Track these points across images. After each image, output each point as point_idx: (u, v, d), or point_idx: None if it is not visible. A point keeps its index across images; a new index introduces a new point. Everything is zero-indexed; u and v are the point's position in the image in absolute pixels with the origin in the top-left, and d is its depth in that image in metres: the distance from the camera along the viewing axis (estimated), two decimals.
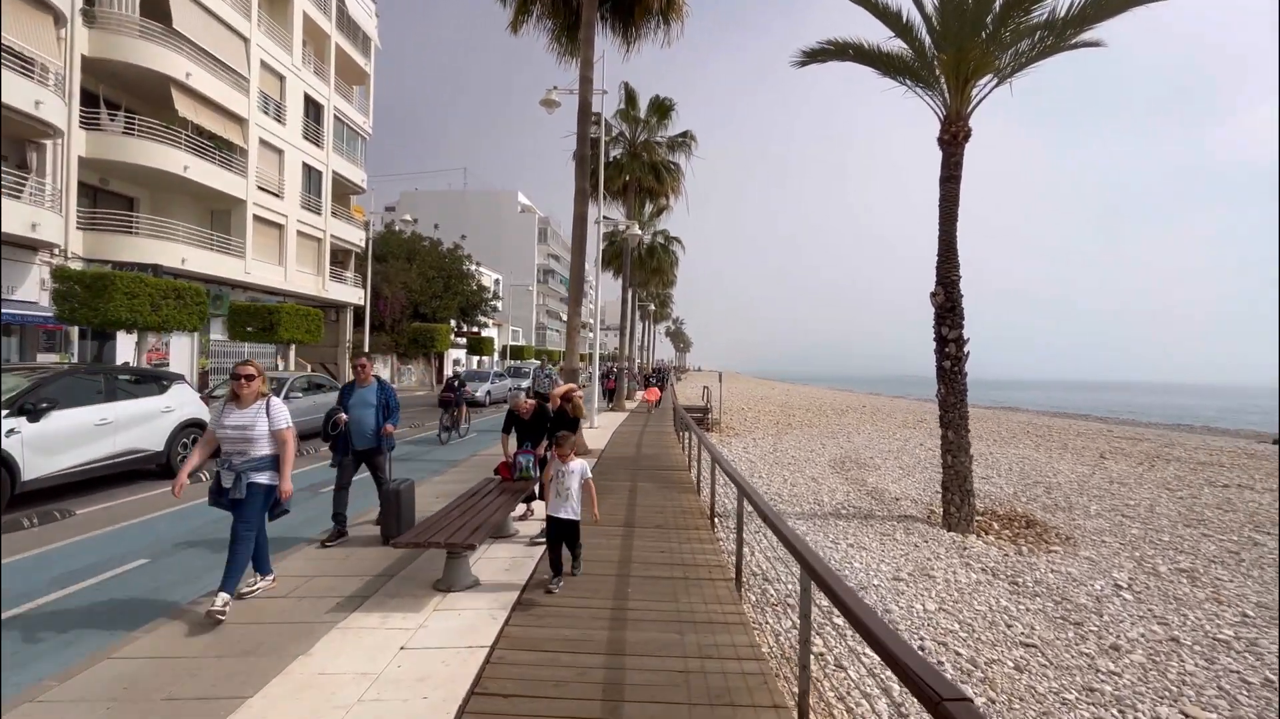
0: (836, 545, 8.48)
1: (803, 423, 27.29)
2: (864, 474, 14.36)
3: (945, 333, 10.25)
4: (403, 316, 36.67)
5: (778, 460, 15.97)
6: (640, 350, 51.83)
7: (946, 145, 10.43)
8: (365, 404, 5.89)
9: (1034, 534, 9.81)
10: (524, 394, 6.54)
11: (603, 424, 17.09)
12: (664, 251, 30.90)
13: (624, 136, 22.59)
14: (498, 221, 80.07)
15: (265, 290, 23.51)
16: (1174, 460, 18.24)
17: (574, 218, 11.09)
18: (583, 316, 75.76)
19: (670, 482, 9.03)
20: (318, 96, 26.42)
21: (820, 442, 20.48)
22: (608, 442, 13.30)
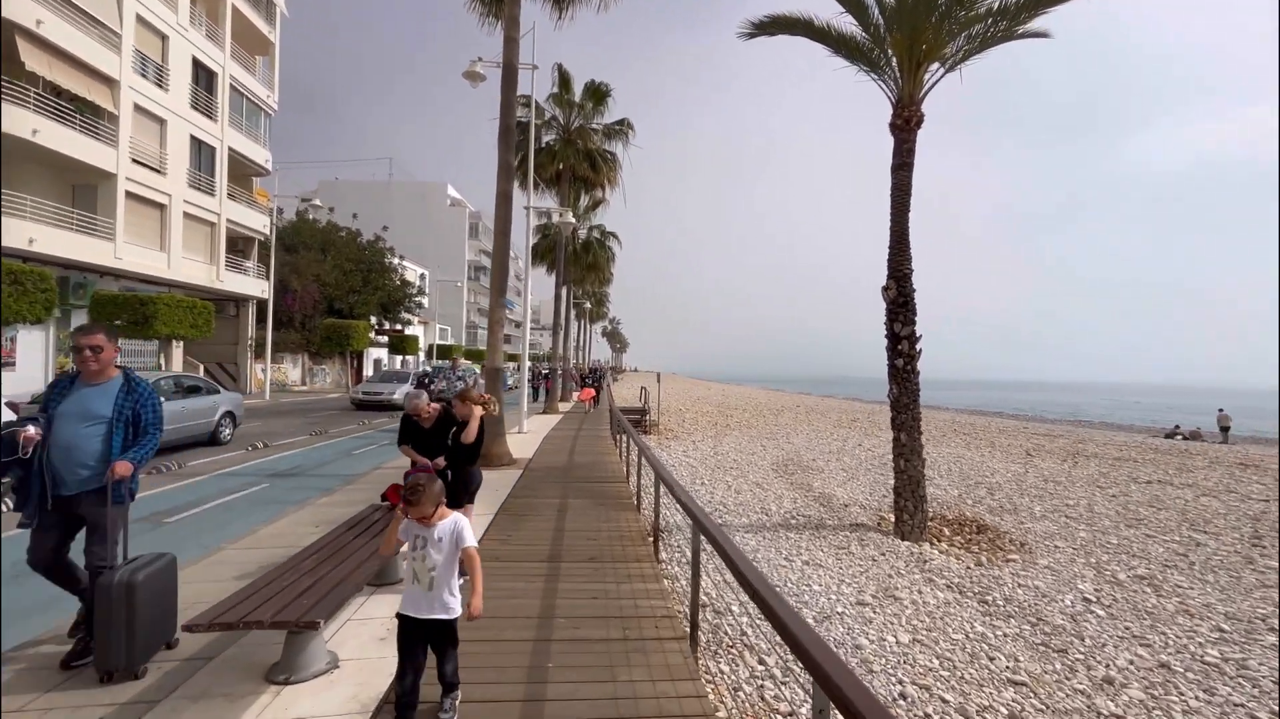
0: (791, 563, 7.63)
1: (741, 423, 26.85)
2: (809, 478, 13.76)
3: (898, 329, 9.67)
4: (315, 312, 33.64)
5: (720, 464, 15.17)
6: (577, 350, 50.37)
7: (899, 131, 9.87)
8: (85, 416, 3.19)
9: (987, 540, 9.36)
10: (425, 395, 5.22)
11: (534, 428, 15.73)
12: (600, 247, 29.73)
13: (557, 122, 21.26)
14: (425, 215, 76.36)
15: (143, 279, 20.52)
16: (1093, 457, 18.88)
17: (497, 195, 9.76)
18: (515, 313, 73.77)
19: (606, 496, 7.89)
20: (210, 63, 23.47)
21: (760, 443, 19.94)
22: (537, 449, 12.00)
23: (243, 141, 25.61)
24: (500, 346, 9.90)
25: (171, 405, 10.46)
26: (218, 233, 24.16)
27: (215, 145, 23.88)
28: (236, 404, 12.29)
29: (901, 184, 9.86)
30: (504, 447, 9.86)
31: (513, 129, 9.86)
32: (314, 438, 13.85)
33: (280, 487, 8.67)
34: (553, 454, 11.34)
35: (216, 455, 10.83)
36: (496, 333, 9.82)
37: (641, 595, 4.41)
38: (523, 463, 10.07)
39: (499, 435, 9.79)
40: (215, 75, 23.89)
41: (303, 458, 11.09)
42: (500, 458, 9.68)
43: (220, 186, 24.16)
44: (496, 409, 4.64)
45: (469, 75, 13.18)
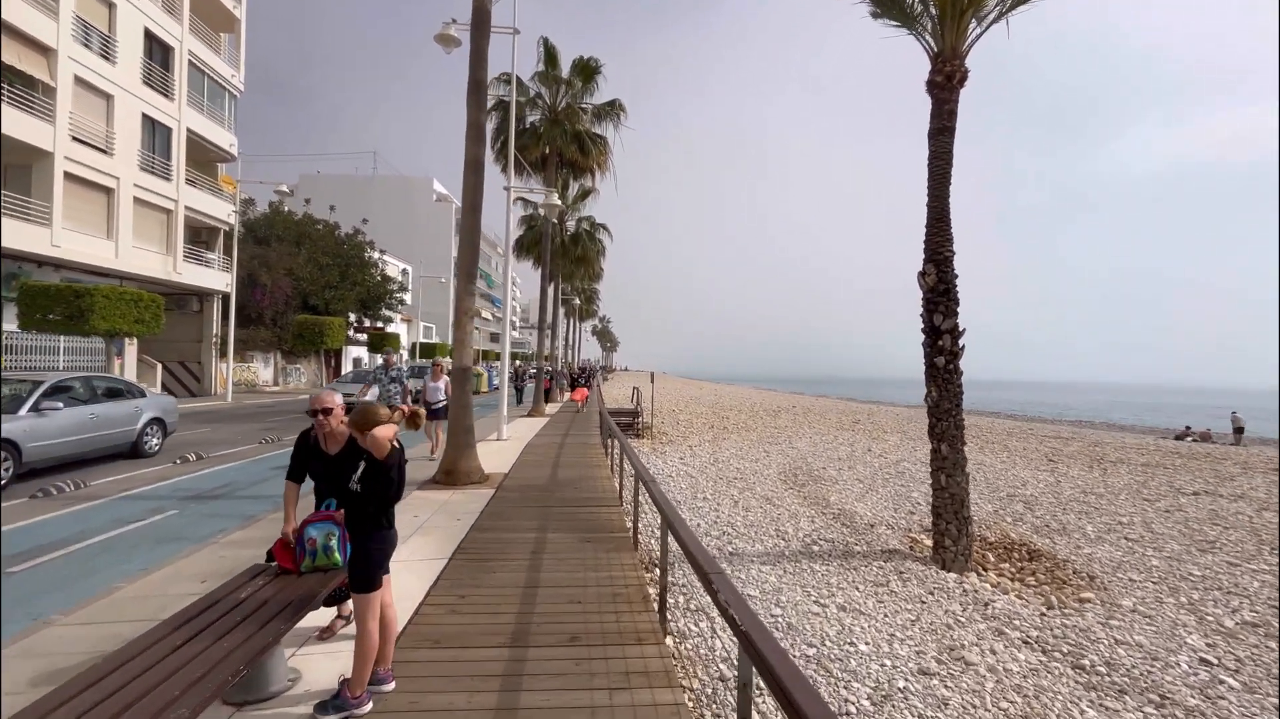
0: (825, 609, 6.13)
1: (739, 426, 25.40)
2: (822, 490, 12.29)
3: (938, 322, 8.21)
4: (288, 308, 31.77)
5: (721, 474, 13.67)
6: (567, 349, 48.71)
7: (939, 90, 8.41)
8: None
9: (1044, 570, 7.94)
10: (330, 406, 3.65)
11: (517, 433, 14.14)
12: (590, 239, 28.13)
13: (543, 100, 19.66)
14: (410, 210, 74.31)
15: (87, 269, 18.67)
16: (1119, 463, 17.60)
17: (465, 162, 8.18)
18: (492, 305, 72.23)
19: (595, 527, 6.34)
20: (165, 36, 21.60)
21: (763, 448, 18.47)
22: (516, 460, 10.43)
23: (204, 123, 23.75)
24: (469, 342, 8.33)
25: (76, 413, 8.78)
26: (175, 221, 22.29)
27: (171, 126, 22.02)
28: (167, 409, 10.60)
29: (941, 151, 8.40)
30: (473, 461, 8.29)
31: (484, 84, 8.29)
32: (263, 446, 12.18)
33: (192, 514, 7.05)
34: (533, 467, 9.77)
35: (133, 471, 9.16)
36: (465, 326, 8.25)
37: (648, 714, 2.87)
38: (496, 480, 8.51)
39: (467, 448, 8.23)
40: (171, 50, 22.02)
41: (237, 473, 9.44)
42: (468, 475, 8.12)
43: (177, 170, 22.29)
44: (421, 421, 3.00)
45: (441, 39, 11.56)
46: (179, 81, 22.26)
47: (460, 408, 8.28)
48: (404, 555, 5.17)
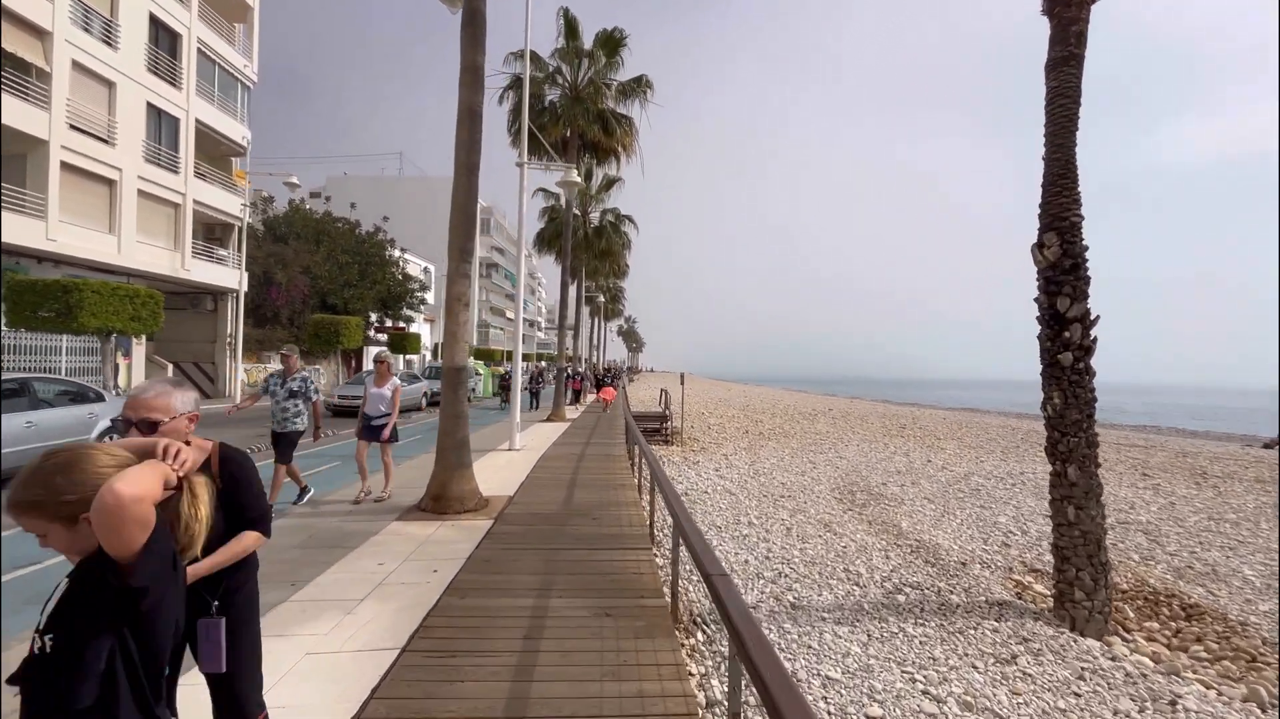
0: (942, 706, 4.32)
1: (776, 431, 23.46)
2: (888, 513, 10.38)
3: (1063, 307, 6.32)
4: (305, 307, 30.92)
5: (766, 490, 11.85)
6: (592, 349, 47.26)
7: (1062, 8, 6.51)
8: None
9: (1217, 637, 5.98)
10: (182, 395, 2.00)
11: (531, 443, 12.55)
12: (614, 232, 26.50)
13: (562, 76, 18.10)
14: (435, 210, 73.83)
15: (87, 265, 17.76)
16: (1227, 478, 15.21)
17: (459, 112, 6.58)
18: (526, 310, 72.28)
19: (619, 587, 4.61)
20: (172, 22, 20.69)
21: (807, 458, 16.56)
22: (526, 478, 8.80)
23: (215, 114, 22.84)
24: (463, 335, 6.72)
25: (10, 421, 7.45)
26: (183, 215, 21.38)
27: (179, 116, 21.12)
28: None
29: (1066, 88, 6.50)
30: (467, 483, 6.68)
31: (481, 15, 6.67)
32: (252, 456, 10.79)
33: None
34: (545, 488, 8.12)
35: None
36: (456, 315, 6.64)
37: None
38: (496, 507, 6.87)
39: (459, 467, 6.62)
40: (179, 37, 21.12)
41: None
42: (461, 501, 6.51)
43: (186, 163, 21.39)
44: (199, 504, 1.20)
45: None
46: (187, 70, 21.35)
47: (452, 417, 6.68)
48: (338, 640, 3.55)
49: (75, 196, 17.27)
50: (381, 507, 6.83)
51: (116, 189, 18.59)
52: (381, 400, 7.12)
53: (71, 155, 16.98)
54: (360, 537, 5.69)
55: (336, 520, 6.27)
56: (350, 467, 10.08)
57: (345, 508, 6.77)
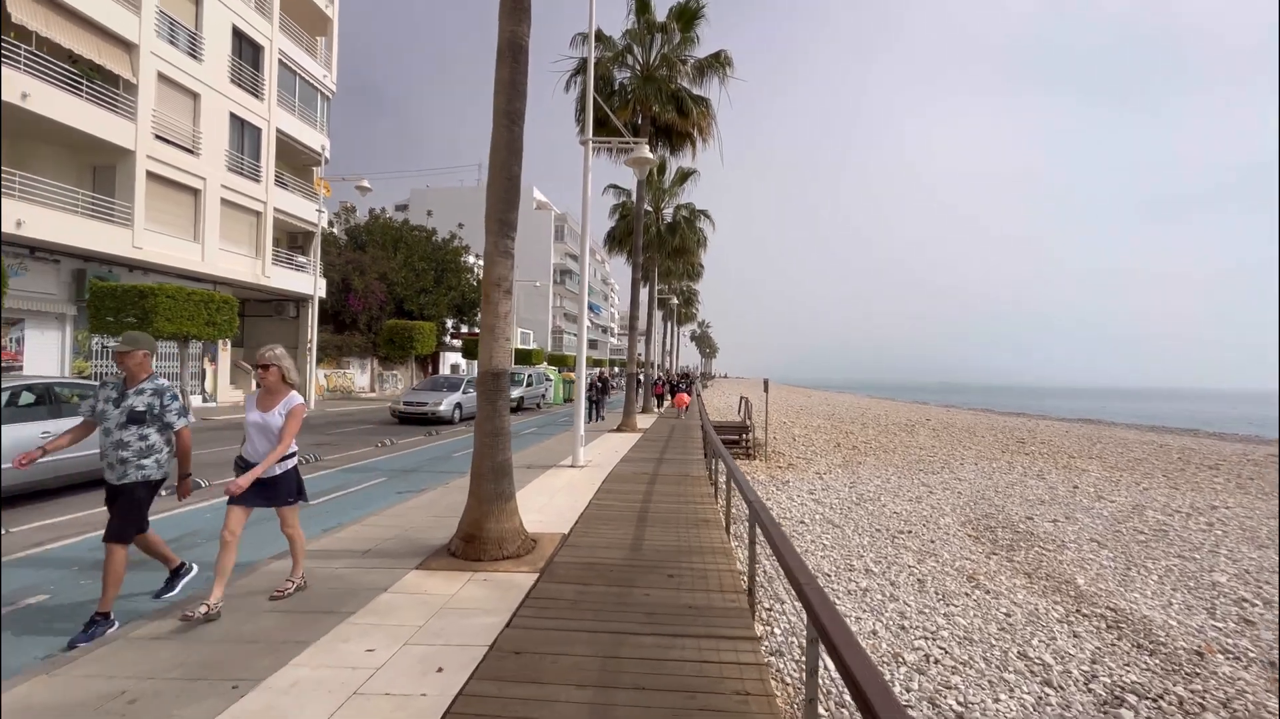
0: None
1: (872, 445, 20.86)
2: (1050, 561, 8.02)
3: None
4: (382, 313, 31.31)
5: (877, 523, 9.72)
6: (664, 354, 45.74)
7: None
8: None
9: None
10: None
11: (597, 458, 11.05)
12: (689, 228, 24.78)
13: (633, 56, 16.66)
14: None
15: (173, 273, 18.14)
16: None
17: (499, 45, 5.16)
18: (599, 316, 71.74)
19: (713, 711, 2.89)
20: (255, 34, 21.12)
21: (917, 479, 14.12)
22: (587, 508, 7.24)
23: (295, 124, 23.24)
24: (502, 331, 5.26)
25: (16, 432, 6.75)
26: (264, 223, 21.75)
27: (261, 126, 21.52)
28: None
29: None
30: (507, 520, 5.18)
31: None
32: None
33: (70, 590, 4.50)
34: (609, 523, 6.51)
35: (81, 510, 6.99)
36: (495, 304, 5.18)
37: None
38: (545, 551, 5.33)
39: (498, 499, 5.15)
40: (261, 49, 21.56)
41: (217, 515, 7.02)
42: (500, 544, 5.02)
43: (266, 172, 21.76)
44: None
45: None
46: (269, 81, 21.75)
47: (489, 435, 5.22)
48: None
49: (161, 205, 17.65)
50: (404, 547, 5.47)
51: (201, 198, 18.97)
52: (264, 433, 4.14)
53: (157, 165, 17.36)
54: (362, 596, 4.30)
55: (344, 566, 4.95)
56: (396, 484, 8.96)
57: (362, 548, 5.45)
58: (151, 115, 17.12)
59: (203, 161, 18.98)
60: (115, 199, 16.53)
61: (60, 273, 16.09)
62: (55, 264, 15.95)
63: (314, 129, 24.51)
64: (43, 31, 14.33)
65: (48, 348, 15.93)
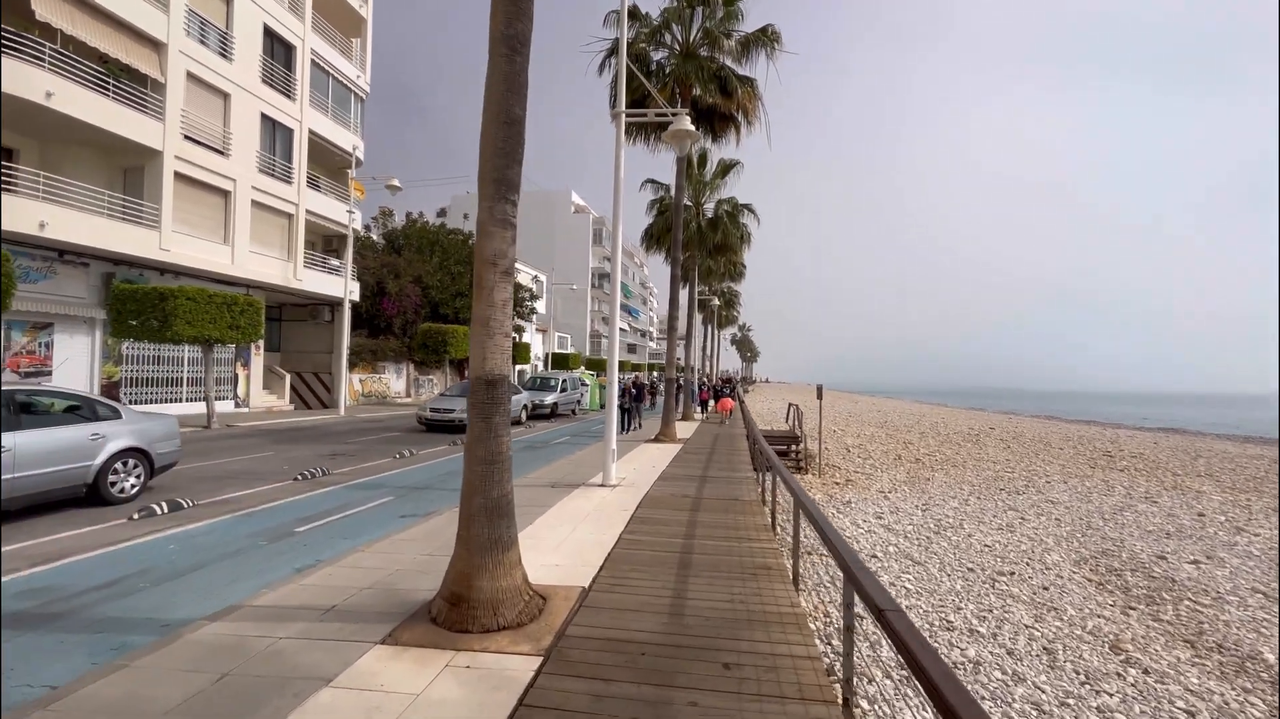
0: None
1: (936, 458, 18.86)
2: (1211, 620, 6.23)
3: None
4: (417, 317, 30.86)
5: (968, 559, 8.06)
6: (705, 358, 44.20)
7: None
8: None
9: None
10: None
11: (630, 475, 9.73)
12: (732, 223, 23.24)
13: (671, 36, 15.35)
14: (550, 223, 75.24)
15: (200, 275, 17.78)
16: None
17: None
18: (638, 320, 70.83)
19: None
20: (286, 34, 20.78)
21: (1000, 500, 12.25)
22: (615, 546, 5.90)
23: (328, 125, 22.86)
24: (499, 324, 4.00)
25: None
26: (295, 225, 21.37)
27: (293, 127, 21.16)
28: (153, 435, 7.66)
29: None
30: (507, 575, 3.90)
31: None
32: (295, 485, 8.97)
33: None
34: (641, 571, 5.16)
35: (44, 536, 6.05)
36: (488, 289, 3.92)
37: None
38: (556, 618, 4.01)
39: (493, 547, 3.87)
40: (294, 49, 21.23)
41: (188, 545, 5.98)
42: (495, 608, 3.76)
43: (299, 173, 21.39)
44: None
45: None
46: (301, 81, 21.40)
47: (482, 463, 3.94)
48: None
49: (189, 207, 17.31)
50: (379, 603, 4.25)
51: (230, 199, 18.61)
52: None
53: (185, 166, 17.01)
54: (296, 691, 3.07)
55: (292, 634, 3.74)
56: (403, 505, 7.84)
57: (327, 603, 4.26)
58: (180, 115, 16.78)
59: (233, 163, 18.62)
60: (144, 201, 16.21)
61: (90, 276, 15.84)
62: (84, 267, 15.70)
63: (347, 130, 24.12)
64: (68, 29, 14.03)
65: (77, 352, 15.67)
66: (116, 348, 16.47)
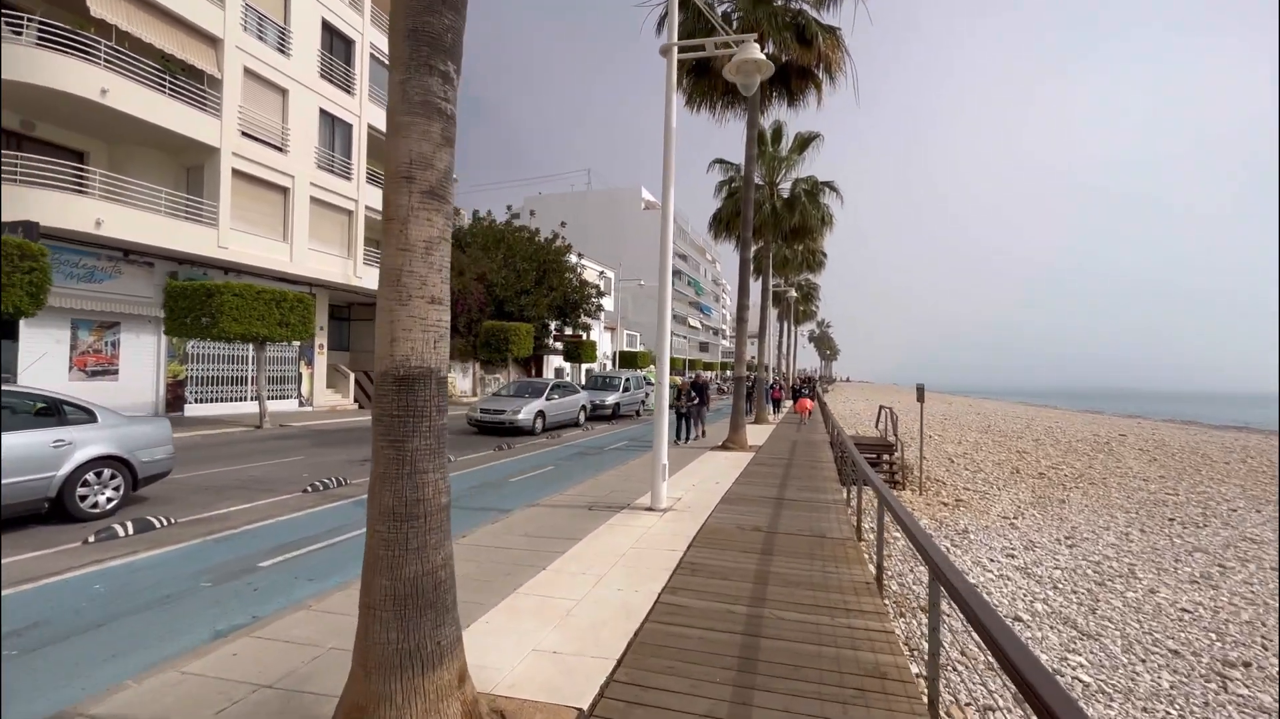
0: None
1: (1064, 473, 15.71)
2: None
3: None
4: (483, 315, 30.39)
5: (1158, 631, 5.68)
6: (781, 356, 41.47)
7: None
8: None
9: None
10: None
11: (687, 494, 7.95)
12: (810, 203, 20.78)
13: None
14: (619, 220, 74.38)
15: (259, 273, 17.64)
16: None
17: None
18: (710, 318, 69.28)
19: None
20: (345, 28, 20.51)
21: (1173, 535, 9.42)
22: (651, 610, 4.14)
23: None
24: (416, 286, 2.36)
25: None
26: (355, 222, 21.10)
27: (352, 122, 20.89)
28: (132, 442, 6.70)
29: None
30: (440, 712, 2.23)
31: None
32: (304, 497, 7.86)
33: None
34: (678, 672, 3.39)
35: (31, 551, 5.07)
36: (400, 226, 2.31)
37: None
38: None
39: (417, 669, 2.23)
40: (353, 43, 20.95)
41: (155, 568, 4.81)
42: None
43: (358, 169, 21.11)
44: None
45: None
46: (361, 75, 21.10)
47: (396, 518, 2.32)
48: None
49: (247, 204, 17.17)
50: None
51: (289, 196, 18.43)
52: None
53: (243, 162, 16.87)
54: None
55: None
56: None
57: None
58: (238, 111, 16.62)
59: (291, 159, 18.43)
60: (203, 199, 16.15)
61: (155, 275, 15.92)
62: (149, 267, 15.79)
63: None
64: (124, 26, 13.96)
65: (143, 351, 15.79)
66: (181, 347, 16.54)
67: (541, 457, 12.18)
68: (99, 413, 6.56)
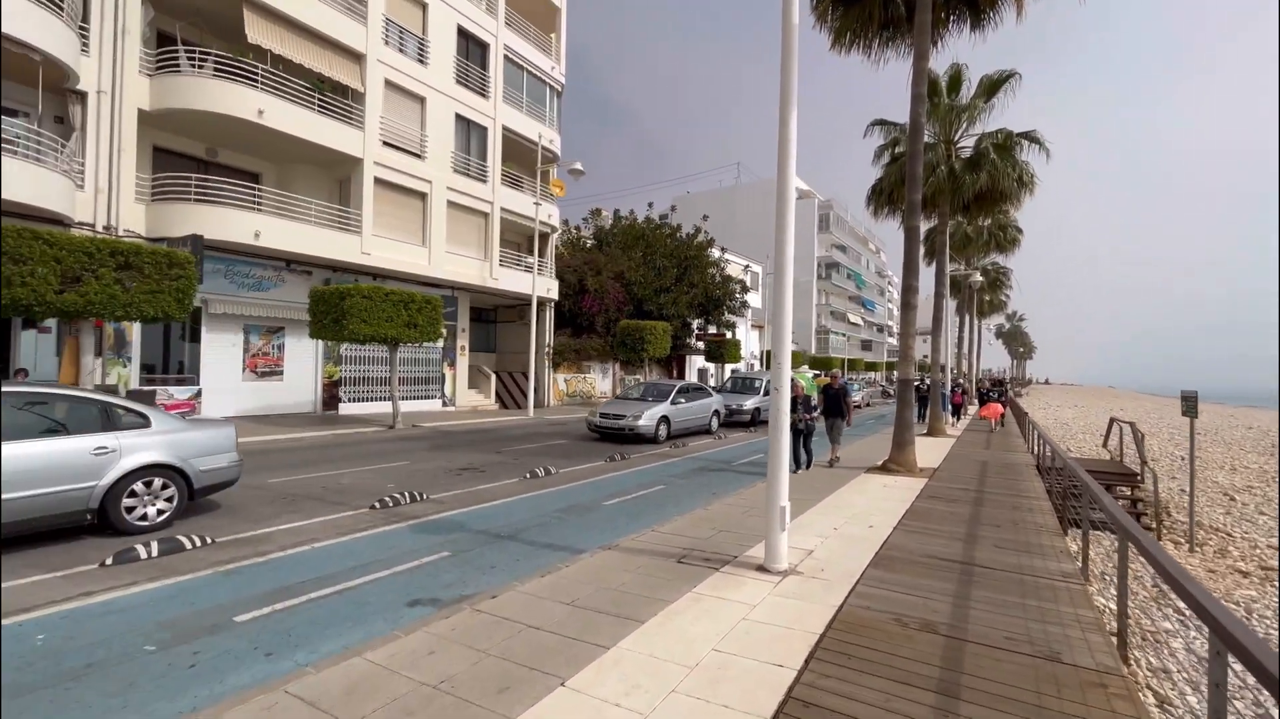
0: None
1: None
2: None
3: None
4: (620, 314, 29.68)
5: None
6: (961, 355, 35.42)
7: None
8: None
9: None
10: None
11: (821, 547, 5.64)
12: (1003, 158, 16.47)
13: None
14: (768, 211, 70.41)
15: (401, 278, 18.27)
16: None
17: None
18: (875, 314, 62.54)
19: None
20: (480, 32, 20.73)
21: None
22: None
23: (522, 120, 22.50)
24: None
25: None
26: (490, 224, 21.27)
27: (487, 125, 21.07)
28: (188, 449, 6.18)
29: None
30: None
31: None
32: (371, 513, 6.95)
33: None
34: None
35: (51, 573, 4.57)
36: None
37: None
38: None
39: None
40: (487, 46, 21.14)
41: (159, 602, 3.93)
42: None
43: (493, 172, 21.25)
44: None
45: None
46: (495, 78, 21.24)
47: None
48: None
49: (388, 210, 17.83)
50: None
51: (427, 201, 18.92)
52: None
53: (384, 171, 17.52)
54: None
55: None
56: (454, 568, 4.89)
57: None
58: (379, 122, 17.29)
59: (429, 164, 18.91)
60: (349, 208, 16.99)
61: (312, 283, 17.07)
62: (307, 275, 16.94)
63: (541, 124, 23.60)
64: (277, 50, 14.95)
65: (303, 354, 17.00)
66: (336, 349, 17.62)
67: (655, 472, 10.45)
68: (154, 418, 6.10)
